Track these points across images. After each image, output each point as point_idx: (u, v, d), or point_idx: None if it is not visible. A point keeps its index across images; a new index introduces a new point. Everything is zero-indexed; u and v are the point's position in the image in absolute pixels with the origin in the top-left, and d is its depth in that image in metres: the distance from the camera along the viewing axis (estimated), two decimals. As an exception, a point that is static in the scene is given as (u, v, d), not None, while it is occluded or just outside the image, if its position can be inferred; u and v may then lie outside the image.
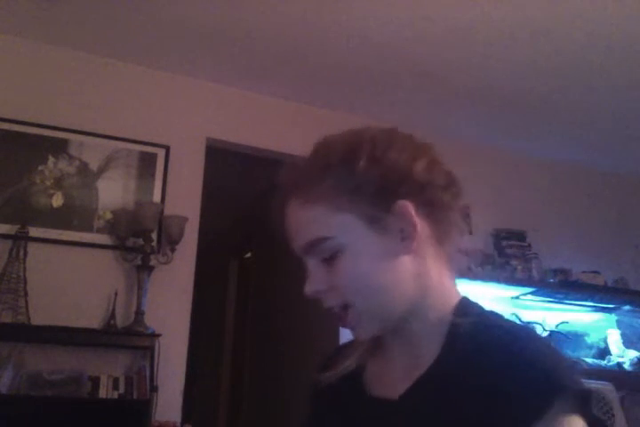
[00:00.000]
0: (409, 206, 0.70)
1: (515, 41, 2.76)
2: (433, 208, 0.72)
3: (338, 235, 0.70)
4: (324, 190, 0.71)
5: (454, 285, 0.77)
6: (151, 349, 2.58)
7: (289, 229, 0.75)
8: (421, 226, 0.71)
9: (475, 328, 0.69)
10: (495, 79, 3.09)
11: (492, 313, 0.74)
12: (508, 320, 0.72)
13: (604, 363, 3.32)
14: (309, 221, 0.72)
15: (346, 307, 0.71)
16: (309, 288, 0.73)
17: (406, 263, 0.71)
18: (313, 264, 0.73)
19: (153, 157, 2.95)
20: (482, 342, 0.67)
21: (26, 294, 2.43)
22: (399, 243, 0.71)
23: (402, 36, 2.75)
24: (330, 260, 0.71)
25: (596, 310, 3.64)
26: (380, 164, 0.71)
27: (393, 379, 0.74)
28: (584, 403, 0.62)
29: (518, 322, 0.72)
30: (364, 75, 3.08)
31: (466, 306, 0.74)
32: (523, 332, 0.69)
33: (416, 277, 0.72)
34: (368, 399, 0.75)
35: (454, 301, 0.74)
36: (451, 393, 0.66)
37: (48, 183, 2.73)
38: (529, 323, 3.26)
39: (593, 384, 2.10)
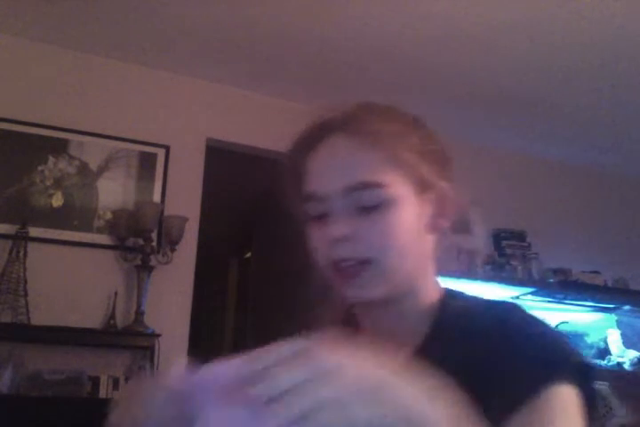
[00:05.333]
0: (451, 189, 0.72)
1: (515, 41, 2.76)
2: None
3: (392, 186, 0.67)
4: (391, 140, 0.69)
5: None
6: (151, 349, 2.58)
7: (327, 164, 0.69)
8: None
9: (465, 308, 0.70)
10: (495, 79, 3.09)
11: (477, 297, 0.74)
12: (495, 301, 0.72)
13: (604, 363, 3.32)
14: (367, 163, 0.67)
15: (364, 262, 0.67)
16: (340, 231, 0.66)
17: (429, 240, 0.72)
18: (344, 208, 0.67)
19: (153, 157, 2.95)
20: (474, 319, 0.67)
21: (26, 294, 2.43)
22: (433, 219, 0.71)
23: (402, 36, 2.75)
24: (370, 208, 0.67)
25: (595, 310, 3.64)
26: (435, 142, 0.73)
27: None
28: (581, 375, 0.61)
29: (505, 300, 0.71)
30: (363, 75, 3.08)
31: (454, 291, 0.75)
32: (517, 310, 0.68)
33: (428, 257, 0.73)
34: None
35: (441, 288, 0.75)
36: (444, 369, 0.65)
37: (48, 183, 2.73)
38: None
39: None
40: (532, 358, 0.60)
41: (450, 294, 0.74)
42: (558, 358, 0.61)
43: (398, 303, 0.72)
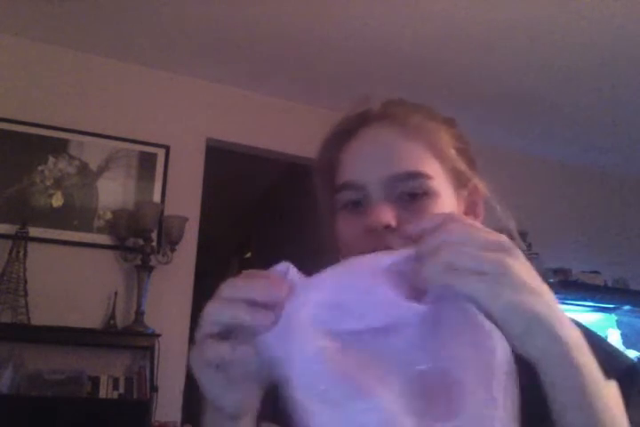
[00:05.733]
0: (483, 189, 0.72)
1: (515, 41, 2.76)
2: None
3: (435, 178, 0.66)
4: (434, 134, 0.69)
5: None
6: (151, 349, 2.58)
7: (369, 153, 0.67)
8: None
9: None
10: (495, 79, 3.09)
11: None
12: None
13: (604, 363, 3.32)
14: (411, 153, 0.66)
15: None
16: (386, 218, 0.62)
17: None
18: (387, 198, 0.64)
19: (153, 157, 2.95)
20: None
21: (26, 294, 2.43)
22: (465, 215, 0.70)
23: (402, 35, 2.75)
24: (414, 199, 0.64)
25: (595, 310, 3.64)
26: (469, 142, 0.75)
27: None
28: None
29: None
30: (363, 75, 3.08)
31: None
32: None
33: None
34: None
35: None
36: None
37: (48, 183, 2.73)
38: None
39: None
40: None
41: None
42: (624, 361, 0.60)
43: None
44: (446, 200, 0.66)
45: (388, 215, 0.62)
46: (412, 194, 0.64)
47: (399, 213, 0.63)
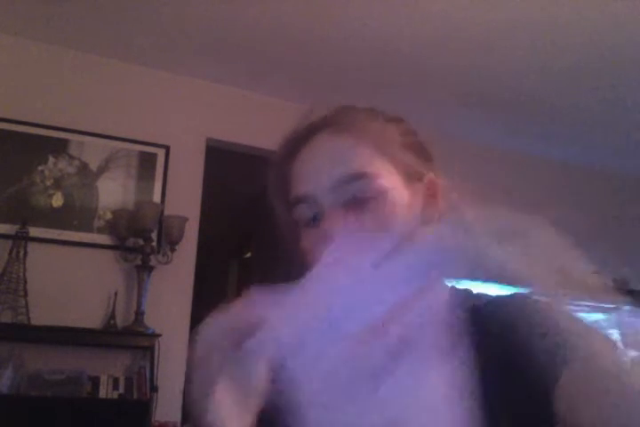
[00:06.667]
0: (441, 181, 0.71)
1: (515, 41, 2.76)
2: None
3: (382, 177, 0.65)
4: (377, 132, 0.68)
5: None
6: (151, 349, 2.58)
7: (313, 163, 0.68)
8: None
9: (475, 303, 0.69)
10: (495, 79, 3.09)
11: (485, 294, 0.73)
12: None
13: (603, 363, 3.32)
14: (353, 156, 0.66)
15: None
16: (336, 226, 0.63)
17: (422, 232, 0.70)
18: (336, 205, 0.65)
19: (153, 157, 2.95)
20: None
21: (26, 294, 2.43)
22: (422, 210, 0.69)
23: (402, 35, 2.75)
24: (363, 201, 0.64)
25: (596, 310, 3.64)
26: (419, 136, 0.73)
27: None
28: None
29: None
30: (363, 75, 3.08)
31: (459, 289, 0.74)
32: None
33: None
34: None
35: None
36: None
37: (48, 183, 2.73)
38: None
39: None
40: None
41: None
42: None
43: None
44: (398, 196, 0.66)
45: (339, 222, 0.63)
46: (361, 195, 0.64)
47: (353, 217, 0.64)
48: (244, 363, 0.46)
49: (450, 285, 0.70)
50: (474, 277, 0.53)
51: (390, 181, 0.66)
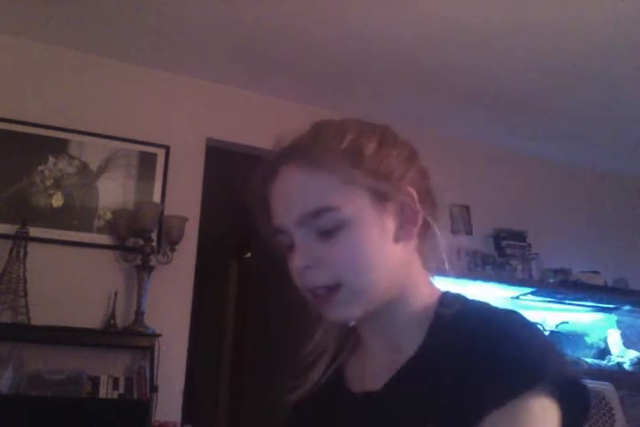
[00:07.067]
0: (414, 193, 0.71)
1: (515, 41, 2.76)
2: (425, 202, 0.73)
3: (345, 207, 0.67)
4: (336, 160, 0.69)
5: (432, 280, 0.76)
6: (151, 349, 2.58)
7: (281, 197, 0.71)
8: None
9: (458, 317, 0.68)
10: (495, 79, 3.09)
11: (477, 302, 0.71)
12: (493, 307, 0.69)
13: (604, 363, 3.32)
14: (316, 188, 0.68)
15: (333, 287, 0.68)
16: (303, 262, 0.68)
17: (399, 249, 0.71)
18: (304, 237, 0.69)
19: (153, 157, 2.95)
20: (464, 329, 0.65)
21: (26, 294, 2.43)
22: (398, 228, 0.70)
23: (402, 36, 2.75)
24: (329, 233, 0.68)
25: (596, 310, 3.64)
26: (393, 147, 0.73)
27: (375, 373, 0.72)
28: (563, 389, 0.59)
29: (506, 308, 0.69)
30: (363, 75, 3.08)
31: (450, 298, 0.73)
32: (507, 318, 0.66)
33: (405, 265, 0.72)
34: (351, 396, 0.74)
35: (437, 293, 0.74)
36: (432, 380, 0.64)
37: (48, 183, 2.73)
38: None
39: (593, 384, 2.10)
40: (510, 365, 0.59)
41: (445, 300, 0.72)
42: (538, 368, 0.59)
43: (389, 315, 0.72)
44: (365, 224, 0.68)
45: (303, 257, 0.68)
46: (327, 228, 0.68)
47: (320, 250, 0.68)
48: None
49: None
50: (473, 278, 0.53)
51: (355, 208, 0.68)
